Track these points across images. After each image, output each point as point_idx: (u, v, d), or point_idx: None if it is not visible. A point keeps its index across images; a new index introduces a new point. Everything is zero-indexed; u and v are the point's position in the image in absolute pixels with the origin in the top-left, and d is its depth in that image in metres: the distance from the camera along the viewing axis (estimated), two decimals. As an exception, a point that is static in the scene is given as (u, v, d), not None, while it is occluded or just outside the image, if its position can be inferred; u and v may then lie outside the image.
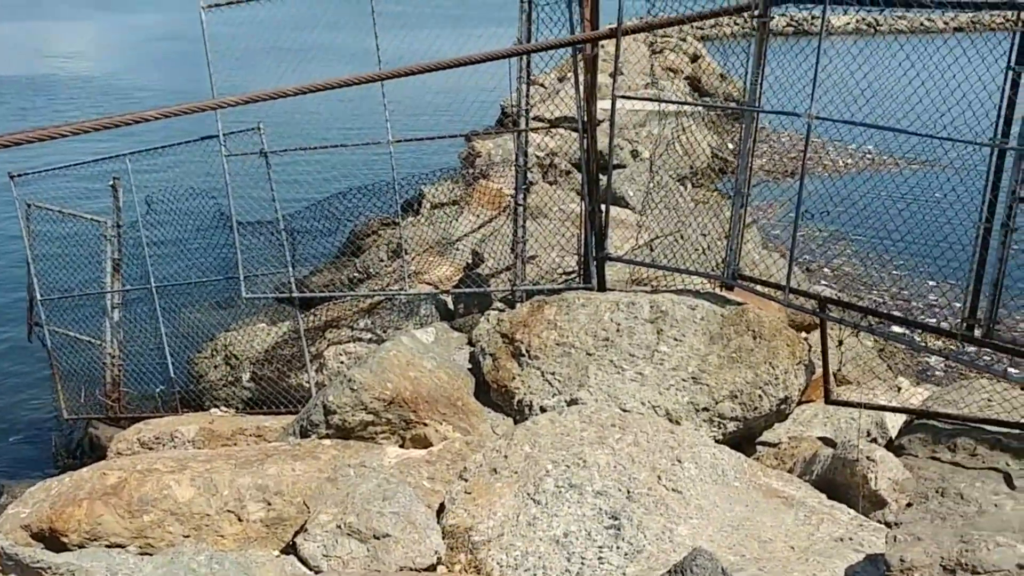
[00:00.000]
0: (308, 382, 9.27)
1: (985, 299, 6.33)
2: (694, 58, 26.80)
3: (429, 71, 6.79)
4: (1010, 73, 5.94)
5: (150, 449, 7.99)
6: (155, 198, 10.90)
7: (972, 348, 6.66)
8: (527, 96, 8.31)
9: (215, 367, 11.00)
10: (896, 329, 8.16)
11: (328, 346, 9.45)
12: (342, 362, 9.05)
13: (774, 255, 9.94)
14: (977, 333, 6.37)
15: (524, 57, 8.23)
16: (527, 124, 8.38)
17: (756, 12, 7.02)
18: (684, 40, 26.40)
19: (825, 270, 14.61)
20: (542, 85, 21.39)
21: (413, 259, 10.17)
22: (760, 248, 11.45)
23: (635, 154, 15.43)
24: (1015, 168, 6.02)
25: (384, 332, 9.13)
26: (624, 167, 14.32)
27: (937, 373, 11.06)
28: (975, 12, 6.50)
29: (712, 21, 8.11)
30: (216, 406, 10.18)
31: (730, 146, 17.30)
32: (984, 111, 6.32)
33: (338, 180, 12.84)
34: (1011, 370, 7.19)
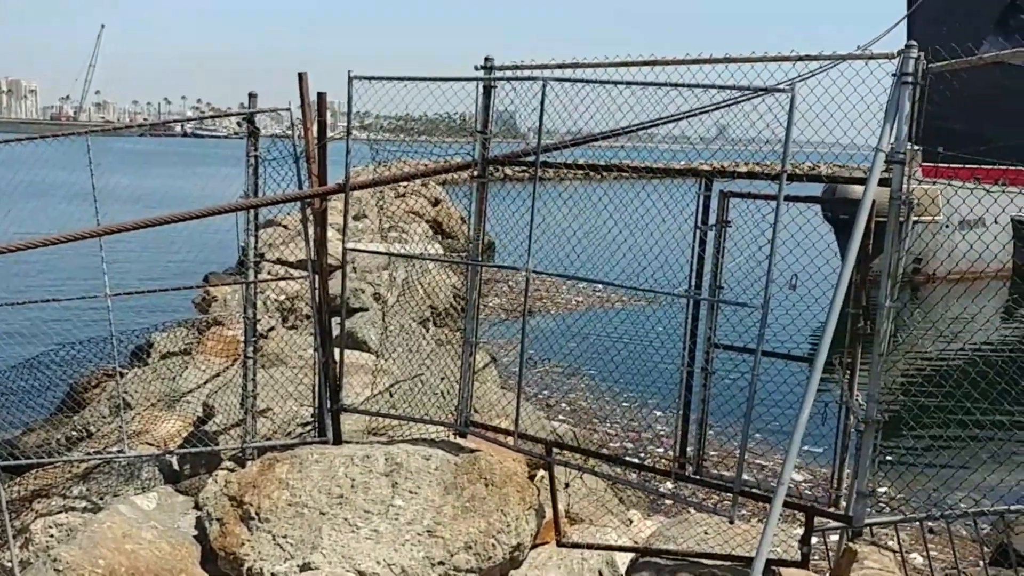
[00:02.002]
0: (11, 561, 8.29)
1: (692, 437, 6.81)
2: (435, 202, 27.79)
3: (146, 227, 6.57)
4: (698, 232, 6.57)
5: None
6: None
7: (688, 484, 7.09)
8: (255, 248, 8.20)
9: (-103, 551, 9.62)
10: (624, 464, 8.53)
11: (36, 518, 8.53)
12: (52, 535, 8.19)
13: (511, 395, 10.20)
14: (688, 470, 6.81)
15: (252, 210, 8.16)
16: (255, 276, 8.25)
17: (475, 172, 7.40)
18: (426, 186, 27.36)
19: (563, 404, 15.18)
20: (284, 227, 21.32)
21: (136, 416, 9.54)
22: (498, 388, 11.76)
23: (377, 297, 15.58)
24: (708, 316, 6.61)
25: (101, 499, 8.39)
26: (366, 310, 14.37)
27: (668, 502, 11.63)
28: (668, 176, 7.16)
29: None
30: None
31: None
32: (679, 264, 6.92)
33: (56, 334, 11.93)
34: (724, 501, 7.70)
